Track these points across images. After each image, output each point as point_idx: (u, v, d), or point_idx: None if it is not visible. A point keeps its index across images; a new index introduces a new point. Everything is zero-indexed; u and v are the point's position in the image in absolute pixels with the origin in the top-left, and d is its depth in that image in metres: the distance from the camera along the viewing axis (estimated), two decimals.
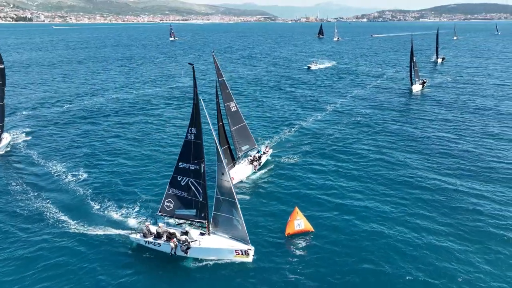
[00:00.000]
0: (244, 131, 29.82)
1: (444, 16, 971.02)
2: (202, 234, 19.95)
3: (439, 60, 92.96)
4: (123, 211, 23.58)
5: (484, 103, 51.76)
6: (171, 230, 19.84)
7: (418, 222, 21.99)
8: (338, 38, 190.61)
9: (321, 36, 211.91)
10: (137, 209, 23.87)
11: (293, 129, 40.60)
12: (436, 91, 60.73)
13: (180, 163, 19.96)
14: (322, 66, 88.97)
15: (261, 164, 30.08)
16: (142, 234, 19.89)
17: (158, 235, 19.61)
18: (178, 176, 20.19)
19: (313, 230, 21.08)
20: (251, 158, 29.90)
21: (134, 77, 76.42)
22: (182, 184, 20.18)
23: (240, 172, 28.30)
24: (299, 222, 20.96)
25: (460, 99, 54.96)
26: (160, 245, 19.45)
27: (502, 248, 19.46)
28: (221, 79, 27.63)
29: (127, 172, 29.88)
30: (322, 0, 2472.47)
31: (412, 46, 63.96)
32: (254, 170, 29.40)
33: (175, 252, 19.06)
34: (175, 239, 19.25)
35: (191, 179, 19.88)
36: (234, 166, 28.41)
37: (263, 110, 49.89)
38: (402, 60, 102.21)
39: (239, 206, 18.81)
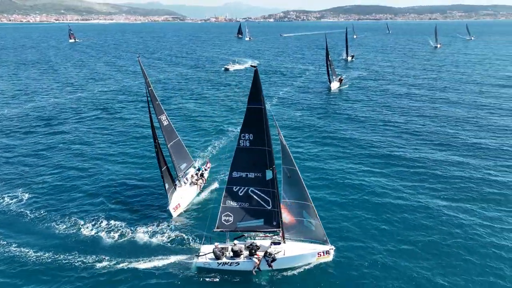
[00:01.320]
0: (180, 147, 26.24)
1: (342, 16, 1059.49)
2: (274, 243, 18.64)
3: (349, 58, 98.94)
4: (162, 237, 21.22)
5: (397, 93, 57.68)
6: (242, 245, 18.50)
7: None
8: (249, 38, 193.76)
9: (240, 36, 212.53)
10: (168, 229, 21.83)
11: (225, 137, 37.96)
12: (352, 87, 63.99)
13: (234, 172, 18.38)
14: (241, 67, 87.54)
15: (205, 182, 26.93)
16: (213, 256, 18.10)
17: (236, 254, 17.96)
18: (234, 187, 18.64)
19: None
20: (194, 177, 26.36)
21: (31, 86, 65.74)
22: (240, 194, 18.66)
23: (186, 197, 24.64)
24: None
25: (375, 92, 59.77)
26: (238, 264, 17.94)
27: None
28: (150, 88, 23.54)
29: (126, 190, 27.06)
30: (230, 0, 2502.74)
31: (326, 45, 66.24)
32: (199, 190, 26.11)
33: (258, 268, 17.58)
34: (258, 253, 17.76)
35: (251, 188, 18.42)
36: (175, 189, 24.35)
37: (190, 119, 46.17)
38: (318, 58, 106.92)
39: (312, 207, 18.16)
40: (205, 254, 18.30)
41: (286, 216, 18.62)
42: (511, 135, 38.02)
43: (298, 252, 18.21)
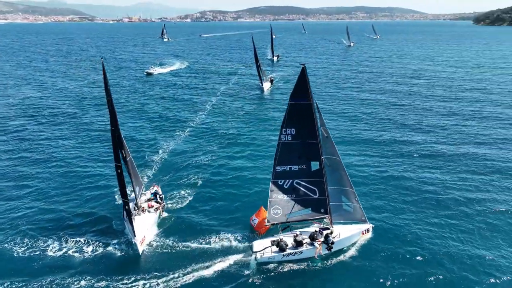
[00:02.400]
0: (133, 166, 23.38)
1: (257, 17, 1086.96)
2: (323, 229, 19.77)
3: (275, 58, 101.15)
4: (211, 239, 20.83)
5: (326, 89, 60.87)
6: (302, 234, 19.51)
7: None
8: (168, 39, 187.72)
9: (164, 37, 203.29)
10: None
11: (165, 155, 34.13)
12: (283, 87, 64.97)
13: (278, 166, 19.14)
14: (164, 70, 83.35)
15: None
16: (276, 249, 18.83)
17: (299, 243, 18.88)
18: (279, 181, 19.46)
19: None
20: (150, 200, 23.31)
21: None
22: (286, 187, 19.54)
23: (151, 225, 21.43)
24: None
25: None
26: (302, 253, 18.89)
27: None
28: (109, 98, 19.54)
29: None
30: (141, 0, 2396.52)
31: (254, 46, 66.80)
32: (161, 215, 23.23)
33: (320, 253, 18.85)
34: (319, 239, 18.99)
35: (296, 180, 19.39)
36: (133, 219, 20.33)
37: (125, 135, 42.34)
38: (245, 58, 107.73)
39: (351, 191, 19.79)
40: (264, 249, 18.58)
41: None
42: (430, 115, 42.66)
43: (348, 233, 19.77)
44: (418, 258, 19.44)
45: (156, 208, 22.73)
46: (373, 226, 20.83)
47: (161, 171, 30.29)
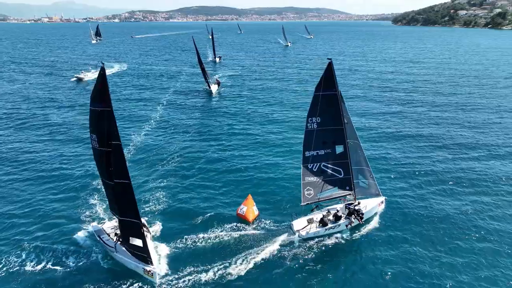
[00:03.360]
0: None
1: (190, 17, 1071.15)
2: (349, 204, 22.15)
3: (217, 59, 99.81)
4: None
5: (272, 88, 60.71)
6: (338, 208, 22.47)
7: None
8: (96, 40, 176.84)
9: (99, 38, 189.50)
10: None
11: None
12: (231, 88, 64.07)
13: (307, 152, 21.21)
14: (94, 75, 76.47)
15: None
16: (320, 224, 21.02)
17: (338, 218, 21.39)
18: (308, 165, 21.46)
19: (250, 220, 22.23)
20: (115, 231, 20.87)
21: None
22: (315, 170, 21.59)
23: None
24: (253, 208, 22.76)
25: (253, 89, 61.95)
26: (339, 225, 21.38)
27: None
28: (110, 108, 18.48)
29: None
30: None
31: (196, 48, 65.44)
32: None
33: (351, 224, 21.50)
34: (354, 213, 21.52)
35: (322, 163, 21.54)
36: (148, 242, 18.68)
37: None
38: (186, 59, 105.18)
39: (367, 170, 22.87)
40: (305, 226, 20.86)
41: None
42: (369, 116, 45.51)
43: (371, 206, 22.58)
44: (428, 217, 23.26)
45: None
46: (386, 198, 24.00)
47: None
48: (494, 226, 22.43)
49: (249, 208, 22.42)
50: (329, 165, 21.61)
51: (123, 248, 18.33)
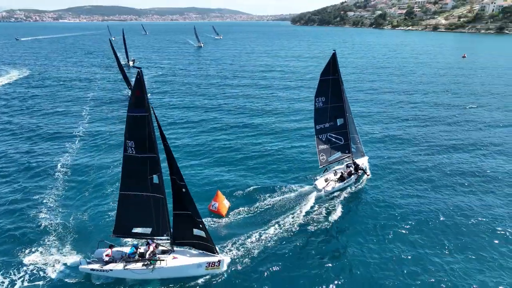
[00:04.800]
0: None
1: (83, 17, 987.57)
2: (348, 164, 28.50)
3: (131, 63, 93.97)
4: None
5: (195, 87, 60.33)
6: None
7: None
8: None
9: None
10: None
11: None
12: (155, 92, 61.49)
13: (317, 125, 26.60)
14: None
15: None
16: (339, 181, 26.71)
17: (350, 174, 27.23)
18: (319, 135, 26.86)
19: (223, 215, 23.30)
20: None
21: None
22: (323, 140, 27.00)
23: None
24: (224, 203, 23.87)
25: (179, 91, 60.91)
26: (351, 179, 27.23)
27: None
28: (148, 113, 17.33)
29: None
30: None
31: (114, 51, 62.24)
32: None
33: (358, 175, 27.83)
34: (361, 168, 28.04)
35: (328, 133, 27.01)
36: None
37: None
38: (96, 62, 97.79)
39: (357, 136, 29.27)
40: (328, 183, 25.98)
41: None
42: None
43: (361, 162, 28.65)
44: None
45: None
46: (368, 157, 30.32)
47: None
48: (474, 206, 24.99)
49: (221, 203, 23.22)
50: (333, 135, 27.08)
51: (173, 258, 17.87)
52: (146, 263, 17.39)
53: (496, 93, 59.66)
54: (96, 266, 17.41)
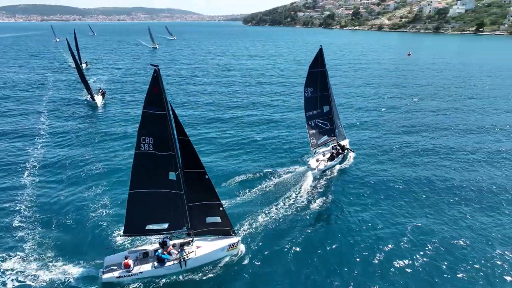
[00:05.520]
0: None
1: (19, 17, 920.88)
2: (334, 146, 32.11)
3: (84, 65, 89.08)
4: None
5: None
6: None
7: None
8: None
9: None
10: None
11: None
12: (116, 98, 57.03)
13: (307, 113, 29.77)
14: None
15: None
16: (328, 161, 30.12)
17: (338, 153, 30.81)
18: (309, 121, 29.91)
19: None
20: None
21: None
22: (313, 125, 30.10)
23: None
24: None
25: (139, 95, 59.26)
26: (340, 158, 30.83)
27: None
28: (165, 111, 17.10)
29: None
30: None
31: (72, 53, 59.57)
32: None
33: (343, 156, 31.87)
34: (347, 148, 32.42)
35: (316, 120, 30.18)
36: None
37: None
38: (45, 64, 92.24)
39: (340, 121, 33.18)
40: (319, 163, 29.13)
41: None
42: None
43: (346, 143, 33.03)
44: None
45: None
46: (348, 140, 34.21)
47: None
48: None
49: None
50: (320, 121, 30.40)
51: (197, 247, 18.60)
52: (176, 257, 17.79)
53: (438, 85, 65.87)
54: (121, 272, 17.14)
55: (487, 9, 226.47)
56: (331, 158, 30.21)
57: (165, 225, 18.11)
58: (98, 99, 52.28)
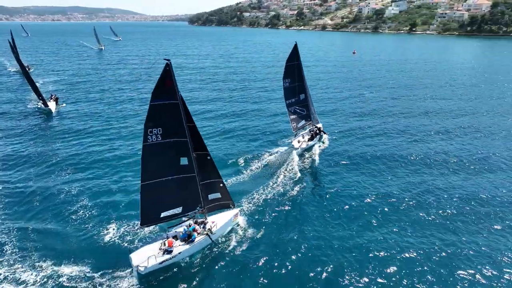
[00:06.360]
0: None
1: None
2: (310, 130, 36.05)
3: (28, 69, 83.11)
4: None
5: (107, 95, 58.25)
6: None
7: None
8: None
9: None
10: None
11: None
12: (71, 103, 53.99)
13: (287, 100, 33.47)
14: None
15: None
16: (310, 140, 34.54)
17: (316, 134, 35.48)
18: (289, 108, 33.68)
19: None
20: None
21: None
22: (292, 111, 33.82)
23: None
24: None
25: (94, 102, 56.75)
26: (318, 138, 35.76)
27: None
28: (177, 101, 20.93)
29: None
30: None
31: (18, 55, 56.00)
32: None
33: (321, 136, 36.30)
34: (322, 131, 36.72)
35: (294, 106, 33.98)
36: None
37: None
38: None
39: (313, 107, 37.42)
40: (301, 143, 33.24)
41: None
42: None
43: (320, 126, 36.93)
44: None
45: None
46: (322, 124, 38.20)
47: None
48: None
49: None
50: (298, 107, 34.21)
51: (213, 222, 20.19)
52: (205, 233, 19.40)
53: (382, 78, 71.84)
54: (164, 258, 17.68)
55: (418, 11, 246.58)
56: (311, 138, 34.42)
57: (179, 209, 19.10)
58: (52, 105, 48.64)
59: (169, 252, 17.88)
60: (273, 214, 23.10)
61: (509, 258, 19.24)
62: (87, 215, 23.14)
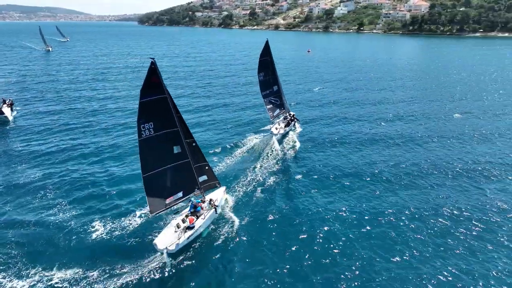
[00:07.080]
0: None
1: None
2: (285, 117, 39.39)
3: None
4: None
5: (73, 99, 56.42)
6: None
7: None
8: None
9: None
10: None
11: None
12: (29, 110, 52.10)
13: (262, 92, 36.65)
14: None
15: None
16: (286, 126, 38.19)
17: (292, 120, 39.27)
18: (265, 99, 36.92)
19: None
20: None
21: None
22: (268, 102, 37.13)
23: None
24: None
25: (52, 108, 54.81)
26: (293, 125, 39.77)
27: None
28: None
29: None
30: None
31: None
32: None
33: (295, 124, 40.23)
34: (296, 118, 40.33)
35: (269, 97, 37.24)
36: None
37: None
38: None
39: (285, 97, 40.06)
40: (280, 129, 36.53)
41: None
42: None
43: (292, 113, 40.41)
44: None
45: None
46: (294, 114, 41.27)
47: None
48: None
49: None
50: (272, 98, 37.67)
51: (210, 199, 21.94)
52: (212, 208, 21.34)
53: (335, 74, 75.73)
54: (188, 234, 19.14)
55: (365, 11, 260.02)
56: (287, 125, 38.21)
57: (180, 194, 20.55)
58: (7, 111, 44.32)
59: (191, 228, 19.56)
60: (259, 190, 25.92)
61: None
62: (70, 213, 22.95)
